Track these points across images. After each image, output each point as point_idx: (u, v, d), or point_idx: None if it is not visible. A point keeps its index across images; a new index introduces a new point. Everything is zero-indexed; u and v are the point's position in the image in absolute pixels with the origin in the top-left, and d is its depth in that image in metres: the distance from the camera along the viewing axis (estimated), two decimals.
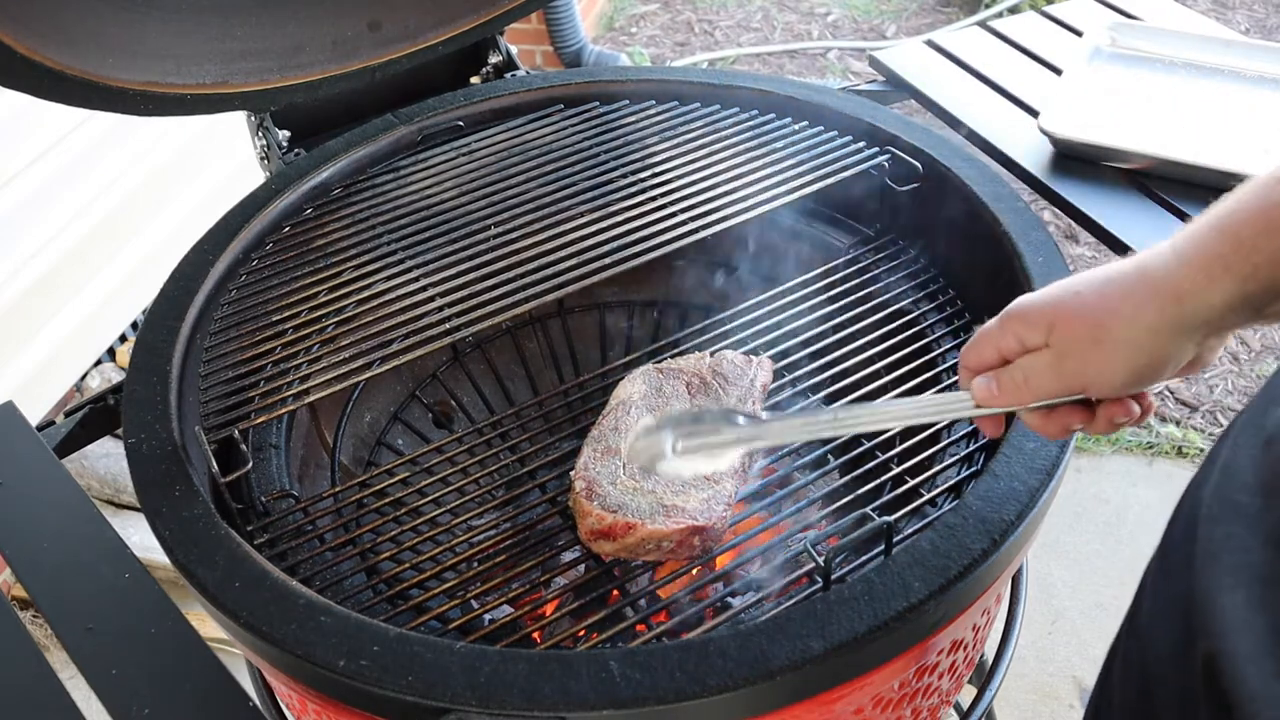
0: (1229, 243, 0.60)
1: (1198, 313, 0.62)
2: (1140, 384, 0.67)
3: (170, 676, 0.76)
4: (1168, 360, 0.65)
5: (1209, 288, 0.61)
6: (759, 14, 3.88)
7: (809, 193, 1.12)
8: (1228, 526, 0.62)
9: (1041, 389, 0.69)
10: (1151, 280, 0.64)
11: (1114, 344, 0.65)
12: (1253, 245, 0.59)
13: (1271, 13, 3.70)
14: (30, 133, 1.88)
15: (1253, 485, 0.63)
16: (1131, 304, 0.64)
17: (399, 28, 1.31)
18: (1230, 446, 0.67)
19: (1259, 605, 0.58)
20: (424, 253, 1.09)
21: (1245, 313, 0.62)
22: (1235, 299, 0.61)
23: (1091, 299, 0.66)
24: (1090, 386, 0.68)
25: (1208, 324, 0.63)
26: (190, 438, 0.92)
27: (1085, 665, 1.89)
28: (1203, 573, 0.63)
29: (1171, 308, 0.63)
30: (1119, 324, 0.64)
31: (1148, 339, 0.64)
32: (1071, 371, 0.67)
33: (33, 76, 1.00)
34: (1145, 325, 0.64)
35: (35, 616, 1.84)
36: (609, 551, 0.86)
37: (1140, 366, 0.65)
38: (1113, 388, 0.67)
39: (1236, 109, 1.30)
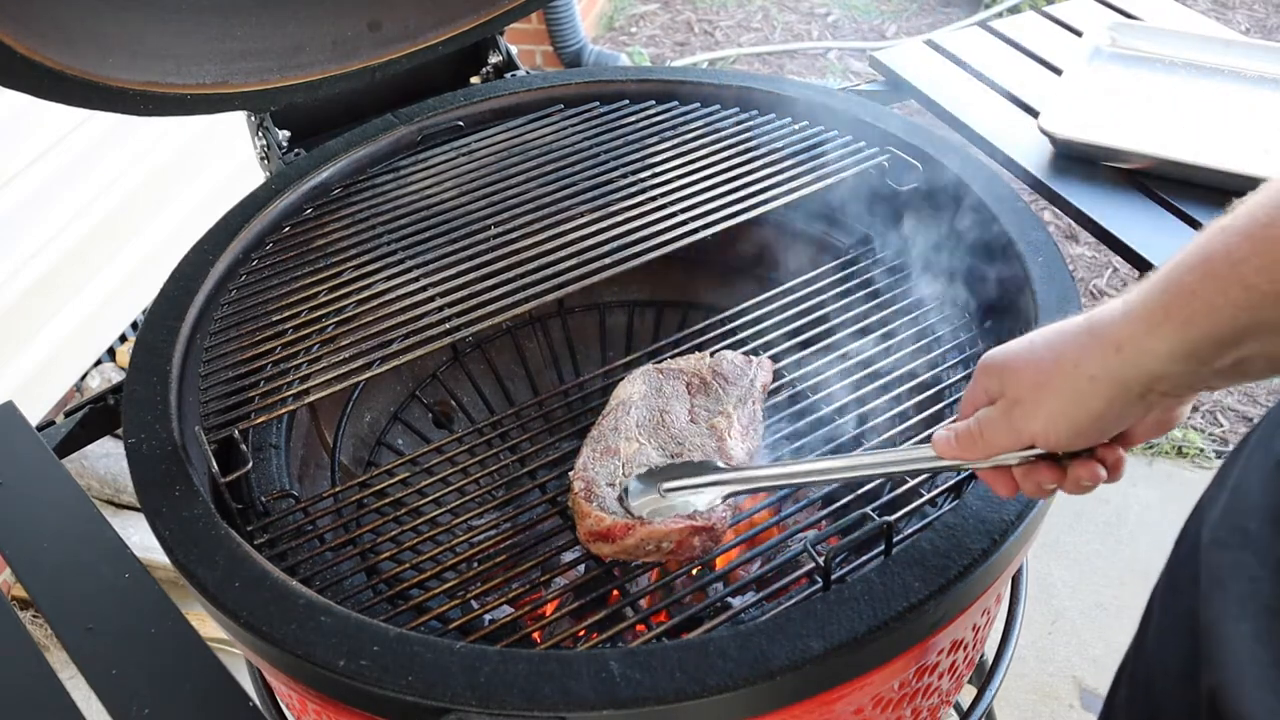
0: (1170, 291, 0.59)
1: (1138, 362, 0.61)
2: (1084, 436, 0.66)
3: (170, 676, 0.76)
4: (1109, 412, 0.64)
5: (1149, 338, 0.60)
6: (759, 14, 3.88)
7: (809, 193, 1.12)
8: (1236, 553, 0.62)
9: (993, 438, 0.69)
10: (1096, 331, 0.63)
11: (1055, 392, 0.64)
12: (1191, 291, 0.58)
13: (1271, 13, 3.70)
14: (30, 133, 1.88)
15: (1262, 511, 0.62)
16: (1074, 353, 0.63)
17: (399, 28, 1.31)
18: (1240, 469, 0.67)
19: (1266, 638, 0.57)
20: (424, 253, 1.09)
21: (1189, 363, 0.60)
22: (1176, 348, 0.59)
23: (1041, 349, 0.66)
24: (1037, 437, 0.67)
25: (1150, 375, 0.61)
26: (190, 438, 0.92)
27: (1085, 665, 1.89)
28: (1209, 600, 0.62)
29: (1112, 357, 0.62)
30: (1061, 373, 0.64)
31: (1088, 388, 0.63)
32: (1019, 419, 0.67)
33: (33, 76, 1.00)
34: (1086, 375, 0.63)
35: (35, 616, 1.84)
36: (608, 553, 0.86)
37: (1081, 418, 0.64)
38: (1058, 439, 0.66)
39: (1236, 109, 1.30)
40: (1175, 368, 0.60)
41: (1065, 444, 0.66)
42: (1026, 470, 0.70)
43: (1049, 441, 0.66)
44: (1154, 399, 0.63)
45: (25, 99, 1.01)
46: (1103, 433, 0.65)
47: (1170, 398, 0.63)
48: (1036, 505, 0.79)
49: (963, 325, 1.07)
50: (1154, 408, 0.64)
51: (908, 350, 1.04)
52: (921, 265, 1.15)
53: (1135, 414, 0.64)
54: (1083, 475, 0.68)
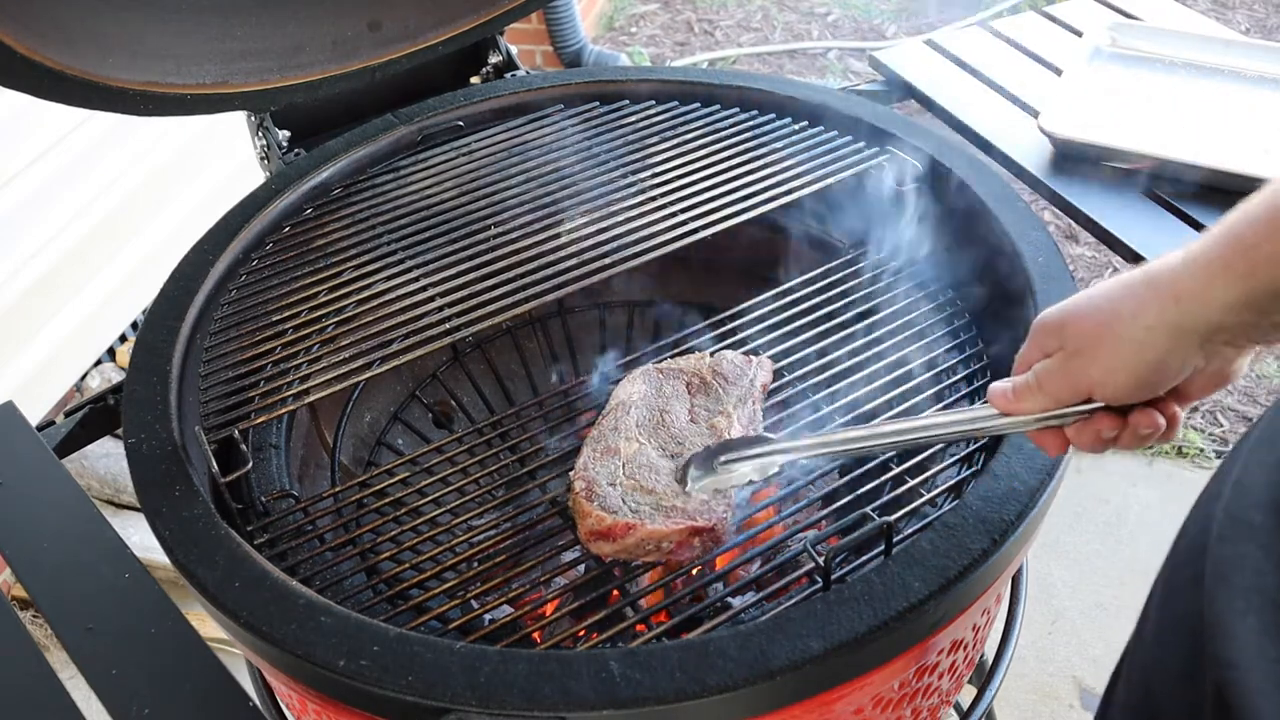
0: (1231, 244, 0.61)
1: (1195, 312, 0.62)
2: (1143, 388, 0.67)
3: (170, 676, 0.76)
4: (1167, 363, 0.65)
5: (1208, 288, 0.61)
6: (759, 14, 3.88)
7: (809, 193, 1.12)
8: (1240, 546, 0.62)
9: (1051, 389, 0.70)
10: (1155, 282, 0.64)
11: (1115, 342, 0.65)
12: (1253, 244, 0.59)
13: (1271, 13, 3.70)
14: (30, 133, 1.88)
15: (1266, 504, 0.62)
16: (1133, 304, 0.65)
17: (399, 28, 1.31)
18: (1243, 463, 0.67)
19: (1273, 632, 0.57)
20: (424, 253, 1.09)
21: (1247, 315, 0.61)
22: (1234, 299, 0.61)
23: (1099, 301, 0.67)
24: (1095, 388, 0.68)
25: (1209, 325, 0.62)
26: (190, 438, 0.92)
27: (1085, 665, 1.89)
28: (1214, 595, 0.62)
29: (1171, 308, 0.63)
30: (1120, 323, 0.65)
31: (1147, 338, 0.64)
32: (1078, 370, 0.68)
33: (33, 76, 1.00)
34: (1144, 324, 0.64)
35: (35, 616, 1.84)
36: (608, 552, 0.86)
37: (1140, 368, 0.65)
38: (1116, 390, 0.67)
39: (1236, 109, 1.30)
40: (1234, 318, 0.62)
41: (1123, 395, 0.67)
42: (1081, 425, 0.70)
43: (1107, 392, 0.67)
44: (1212, 349, 0.64)
45: (25, 99, 1.01)
46: (1161, 383, 0.66)
47: (1229, 348, 0.65)
48: (1036, 505, 0.79)
49: (963, 325, 1.07)
50: (1212, 359, 0.65)
51: (907, 350, 1.04)
52: (921, 265, 1.15)
53: (1193, 364, 0.65)
54: (1142, 423, 0.68)
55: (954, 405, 0.99)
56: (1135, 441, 0.69)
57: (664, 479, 0.89)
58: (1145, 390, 0.67)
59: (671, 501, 0.86)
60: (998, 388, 0.73)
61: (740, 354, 1.02)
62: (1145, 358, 0.65)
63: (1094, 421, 0.70)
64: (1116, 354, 0.66)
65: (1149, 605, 0.75)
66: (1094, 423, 0.70)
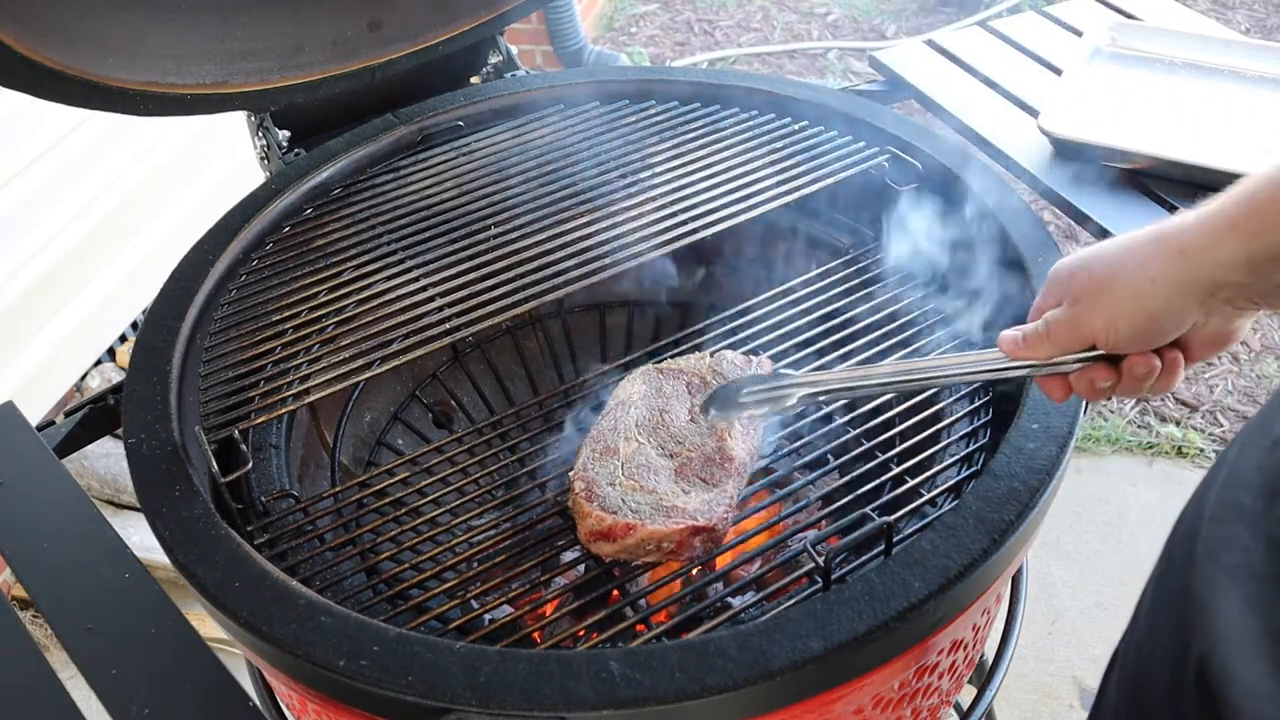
0: (1242, 206, 0.63)
1: (1199, 268, 0.65)
2: (1143, 337, 0.69)
3: (170, 676, 0.76)
4: (1167, 315, 0.67)
5: (1213, 245, 0.64)
6: (759, 14, 3.88)
7: (809, 193, 1.12)
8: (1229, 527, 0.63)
9: (1058, 337, 0.73)
10: (1163, 238, 0.67)
11: (1119, 292, 0.68)
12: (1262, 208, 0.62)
13: (1271, 13, 3.70)
14: (30, 133, 1.88)
15: (1257, 487, 0.63)
16: (1140, 256, 0.68)
17: (399, 28, 1.31)
18: (1237, 450, 0.67)
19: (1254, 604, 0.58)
20: (424, 253, 1.09)
21: (1250, 274, 0.64)
22: (1239, 257, 0.63)
23: (1109, 252, 0.70)
24: (1098, 335, 0.71)
25: (1212, 281, 0.65)
26: (190, 438, 0.92)
27: (1085, 665, 1.89)
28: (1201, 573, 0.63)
29: (1176, 261, 0.66)
30: (1125, 274, 0.68)
31: (1149, 290, 0.67)
32: (1082, 319, 0.71)
33: (33, 76, 1.00)
34: (1149, 276, 0.67)
35: (35, 616, 1.84)
36: (609, 552, 0.86)
37: (1140, 318, 0.68)
38: (1117, 338, 0.70)
39: (1236, 109, 1.30)
40: (1236, 277, 0.65)
41: (1124, 343, 0.70)
42: (1082, 372, 0.74)
43: (1108, 340, 0.71)
44: (1213, 305, 0.67)
45: (25, 99, 1.01)
46: (1160, 334, 0.69)
47: (1229, 307, 0.67)
48: (1036, 505, 0.79)
49: (963, 325, 1.07)
50: (1212, 316, 0.68)
51: (907, 351, 1.04)
52: (921, 265, 1.15)
53: (1192, 318, 0.68)
54: (1138, 364, 0.71)
55: (955, 405, 0.99)
56: (1133, 384, 0.72)
57: (664, 479, 0.89)
58: (1144, 340, 0.70)
59: (672, 501, 0.86)
60: (1008, 335, 0.76)
61: (740, 354, 1.02)
62: (1146, 308, 0.68)
63: (1091, 370, 0.73)
64: (1119, 304, 0.69)
65: (1145, 590, 0.76)
66: (1090, 371, 0.73)
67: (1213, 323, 0.69)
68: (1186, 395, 2.40)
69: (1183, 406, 2.38)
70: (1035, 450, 0.82)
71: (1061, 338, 0.73)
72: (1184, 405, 2.38)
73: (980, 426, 0.96)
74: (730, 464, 0.90)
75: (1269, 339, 2.54)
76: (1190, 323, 0.68)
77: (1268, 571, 0.59)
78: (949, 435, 0.96)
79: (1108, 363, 0.72)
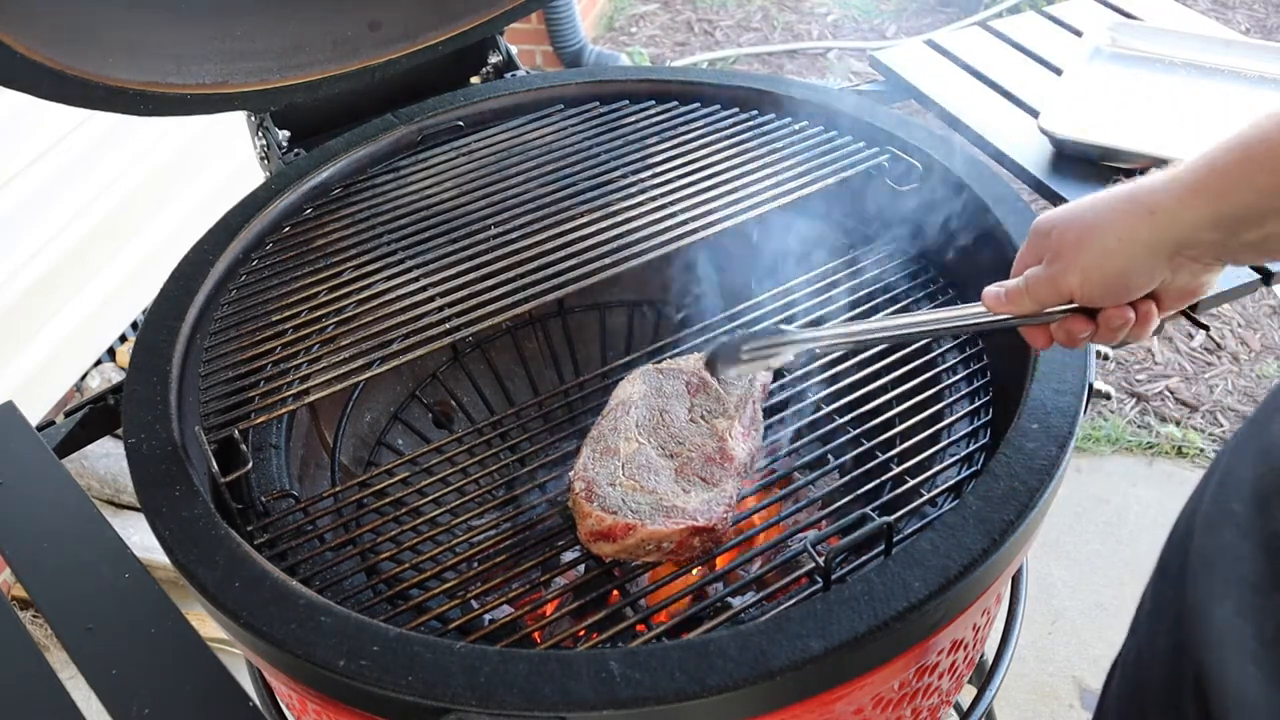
0: (1208, 168, 0.67)
1: (1167, 228, 0.69)
2: (1114, 292, 0.73)
3: (170, 676, 0.76)
4: (1138, 272, 0.71)
5: (1181, 206, 0.68)
6: (759, 14, 3.88)
7: (809, 193, 1.12)
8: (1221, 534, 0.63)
9: (1037, 290, 0.77)
10: (1135, 197, 0.71)
11: (1093, 248, 0.72)
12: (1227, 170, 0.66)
13: (1271, 13, 3.70)
14: (30, 133, 1.88)
15: (1248, 494, 0.63)
16: (1112, 215, 0.71)
17: (399, 28, 1.31)
18: (1230, 456, 0.68)
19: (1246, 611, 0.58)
20: (424, 253, 1.09)
21: (1217, 234, 0.67)
22: (1205, 218, 0.67)
23: (1085, 210, 0.74)
24: (1074, 290, 0.74)
25: (1179, 240, 0.69)
26: (190, 438, 0.92)
27: (1085, 665, 1.89)
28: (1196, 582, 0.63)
29: (1146, 221, 0.69)
30: (1099, 232, 0.72)
31: (1119, 248, 0.71)
32: (1059, 273, 0.74)
33: (33, 76, 1.00)
34: (1117, 234, 0.71)
35: (35, 616, 1.84)
36: (609, 553, 0.86)
37: (1111, 274, 0.72)
38: (1090, 293, 0.73)
39: (1236, 109, 1.30)
40: (1202, 235, 0.68)
41: (1097, 298, 0.74)
42: (1060, 323, 0.78)
43: (1083, 295, 0.74)
44: (1180, 263, 0.71)
45: (25, 99, 1.01)
46: (1130, 289, 0.73)
47: (1197, 264, 0.71)
48: (1036, 505, 0.79)
49: None
50: (1179, 272, 0.72)
51: (907, 350, 1.04)
52: (921, 265, 1.15)
53: (1160, 275, 0.72)
54: (1112, 316, 0.75)
55: (955, 405, 1.00)
56: (1109, 334, 0.76)
57: (664, 479, 0.89)
58: (1116, 295, 0.73)
59: (672, 501, 0.86)
60: (991, 290, 0.80)
61: None
62: (1116, 265, 0.71)
63: (1068, 321, 0.77)
64: (1092, 261, 0.72)
65: (1144, 596, 0.76)
66: (1067, 323, 0.77)
67: (1180, 278, 0.72)
68: (1186, 395, 2.40)
69: (1183, 406, 2.38)
70: (1035, 450, 0.82)
71: (1040, 293, 0.76)
72: (1184, 405, 2.38)
73: (980, 426, 0.96)
74: (730, 464, 0.90)
75: (1269, 339, 2.54)
76: (1160, 279, 0.72)
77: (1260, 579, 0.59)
78: (949, 435, 0.96)
79: (1085, 314, 0.76)
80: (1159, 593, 0.72)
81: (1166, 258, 0.71)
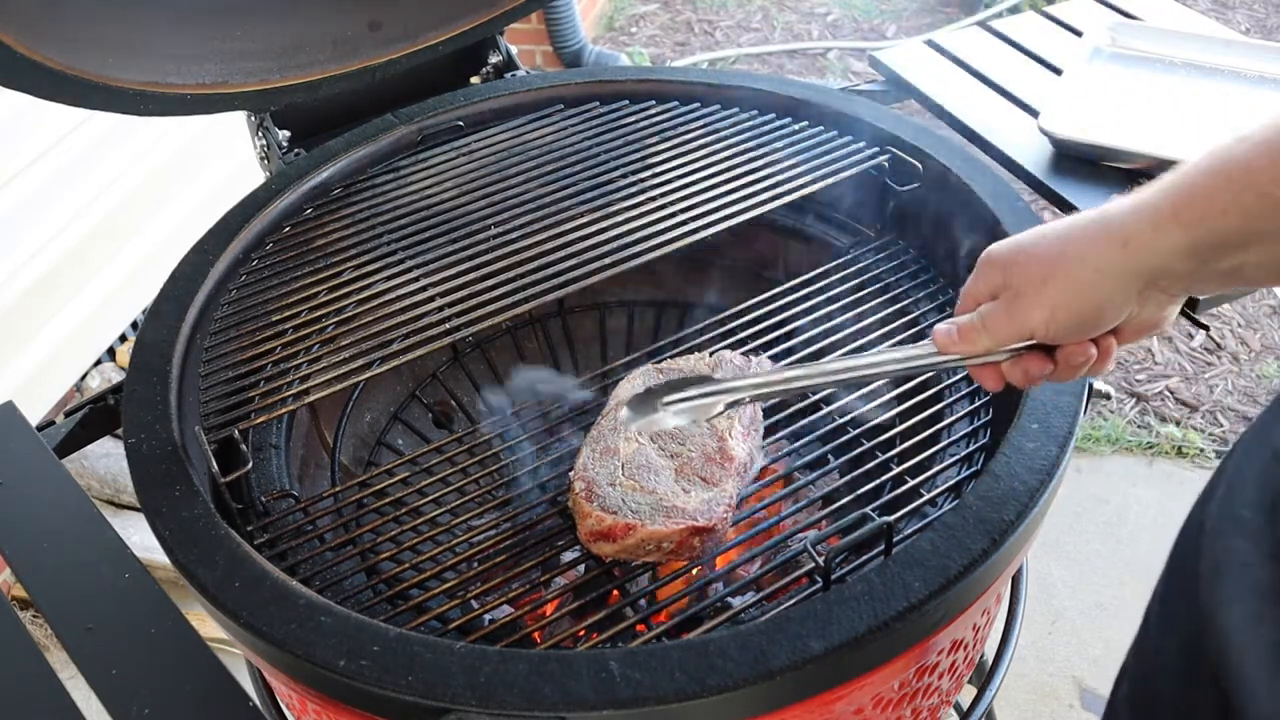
0: (1182, 194, 0.63)
1: (1141, 258, 0.64)
2: (1084, 329, 0.68)
3: (170, 676, 0.76)
4: (1109, 305, 0.66)
5: (1155, 235, 0.63)
6: (759, 14, 3.88)
7: (809, 193, 1.12)
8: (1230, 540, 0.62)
9: (995, 330, 0.71)
10: (1105, 226, 0.66)
11: (1060, 285, 0.67)
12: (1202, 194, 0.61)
13: (1271, 13, 3.70)
14: (30, 133, 1.88)
15: (1257, 501, 0.62)
16: (1081, 246, 0.66)
17: (399, 28, 1.31)
18: (1236, 461, 0.67)
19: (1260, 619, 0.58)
20: (424, 253, 1.09)
21: (1191, 263, 0.63)
22: (1181, 246, 0.62)
23: (1048, 242, 0.68)
24: (1037, 329, 0.69)
25: (1154, 270, 0.64)
26: (190, 438, 0.92)
27: (1085, 665, 1.89)
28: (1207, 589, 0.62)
29: (1118, 251, 0.64)
30: (1067, 264, 0.67)
31: (1091, 279, 0.66)
32: (1022, 311, 0.69)
33: (33, 76, 1.00)
34: (1092, 267, 0.66)
35: (35, 616, 1.84)
36: (609, 553, 0.86)
37: (1084, 309, 0.67)
38: (1056, 330, 0.69)
39: (1236, 109, 1.30)
40: (1178, 265, 0.63)
41: (1064, 335, 0.69)
42: (1015, 361, 0.72)
43: (1048, 333, 0.69)
44: (1151, 294, 0.66)
45: (25, 99, 1.01)
46: (1099, 325, 0.68)
47: (1164, 295, 0.67)
48: (1036, 505, 0.79)
49: None
50: (1148, 303, 0.67)
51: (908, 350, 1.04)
52: (921, 266, 1.15)
53: (1129, 308, 0.67)
54: (1074, 353, 0.70)
55: (955, 405, 0.99)
56: (1069, 372, 0.71)
57: (664, 479, 0.89)
58: (1083, 331, 0.69)
59: (672, 502, 0.86)
60: (942, 329, 0.74)
61: (739, 354, 1.02)
62: (1088, 300, 0.66)
63: (1024, 360, 0.72)
64: (1061, 296, 0.67)
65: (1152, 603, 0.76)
66: (1024, 361, 0.72)
67: (1146, 310, 0.68)
68: (1186, 395, 2.40)
69: (1183, 406, 2.38)
70: (1035, 450, 0.82)
71: (999, 331, 0.71)
72: (1184, 405, 2.38)
73: (980, 426, 0.96)
74: (730, 464, 0.90)
75: (1269, 339, 2.54)
76: (1128, 312, 0.68)
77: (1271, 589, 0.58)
78: (949, 435, 0.96)
79: (1043, 351, 0.71)
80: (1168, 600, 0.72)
81: (1138, 290, 0.66)
